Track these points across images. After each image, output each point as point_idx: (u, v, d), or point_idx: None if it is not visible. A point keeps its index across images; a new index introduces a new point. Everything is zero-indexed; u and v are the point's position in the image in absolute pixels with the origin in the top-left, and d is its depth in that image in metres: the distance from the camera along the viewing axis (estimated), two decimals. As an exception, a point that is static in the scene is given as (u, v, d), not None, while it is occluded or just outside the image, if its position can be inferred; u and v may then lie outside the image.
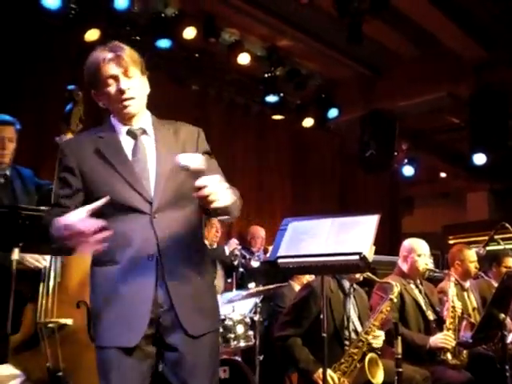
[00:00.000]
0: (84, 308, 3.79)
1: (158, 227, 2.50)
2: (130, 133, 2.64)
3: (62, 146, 2.66)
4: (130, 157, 2.59)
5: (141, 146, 2.62)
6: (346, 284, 4.47)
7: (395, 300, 4.48)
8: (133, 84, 2.60)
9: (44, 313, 3.68)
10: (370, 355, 4.20)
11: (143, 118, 2.70)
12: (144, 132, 2.66)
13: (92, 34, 6.50)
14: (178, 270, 2.52)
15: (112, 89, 2.58)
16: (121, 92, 2.57)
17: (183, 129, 2.73)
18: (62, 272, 3.81)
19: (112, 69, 2.57)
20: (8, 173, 4.11)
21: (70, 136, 3.91)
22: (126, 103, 2.59)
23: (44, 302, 3.70)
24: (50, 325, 3.67)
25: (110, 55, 2.57)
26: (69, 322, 3.71)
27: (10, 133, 4.07)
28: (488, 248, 6.08)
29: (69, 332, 3.73)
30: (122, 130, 2.65)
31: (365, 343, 4.23)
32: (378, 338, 4.29)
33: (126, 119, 2.65)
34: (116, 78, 2.58)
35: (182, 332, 2.48)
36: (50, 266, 3.77)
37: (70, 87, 4.05)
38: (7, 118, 4.13)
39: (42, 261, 3.76)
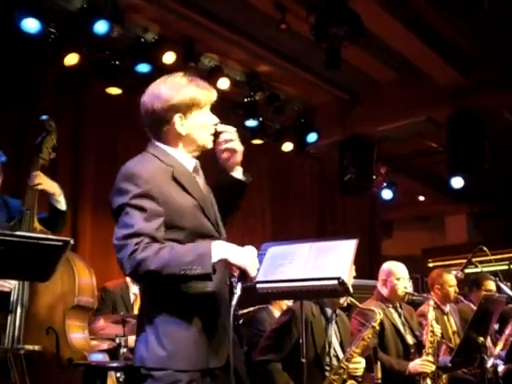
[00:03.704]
0: (53, 334, 3.74)
1: None
2: (195, 169, 2.76)
3: (139, 172, 2.55)
4: (203, 191, 2.72)
5: (202, 182, 2.77)
6: (329, 310, 4.45)
7: (377, 328, 4.46)
8: None
9: (11, 339, 3.62)
10: (349, 382, 4.17)
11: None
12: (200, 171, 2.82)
13: (71, 59, 6.47)
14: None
15: (210, 119, 2.74)
16: (215, 125, 2.75)
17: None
18: (30, 298, 3.76)
19: (212, 100, 2.76)
20: None
21: (37, 172, 3.92)
22: (212, 137, 2.76)
23: (12, 328, 3.64)
24: (19, 351, 3.61)
25: (212, 90, 2.76)
26: (37, 348, 3.66)
27: None
28: (466, 271, 6.11)
29: (38, 358, 3.66)
30: (189, 163, 2.74)
31: (345, 370, 4.20)
32: (358, 366, 4.26)
33: (198, 151, 2.77)
34: (210, 110, 2.75)
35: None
36: (18, 293, 3.71)
37: (43, 117, 4.12)
38: None
39: (6, 284, 3.70)
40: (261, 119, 8.38)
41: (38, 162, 3.99)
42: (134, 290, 6.19)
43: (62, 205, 4.03)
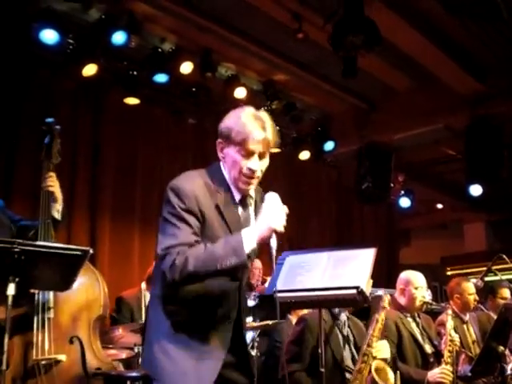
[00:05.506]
0: (77, 343, 3.74)
1: (242, 294, 2.75)
2: (242, 202, 2.80)
3: (184, 188, 2.65)
4: (242, 225, 2.71)
5: (248, 218, 2.80)
6: (340, 313, 4.51)
7: (388, 307, 4.49)
8: (263, 165, 2.72)
9: (41, 350, 3.62)
10: (375, 363, 4.19)
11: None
12: (251, 202, 2.84)
13: (89, 69, 6.53)
14: (242, 338, 2.79)
15: (243, 161, 2.67)
16: (250, 171, 2.68)
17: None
18: (55, 308, 3.77)
19: (255, 148, 2.67)
20: None
21: (51, 173, 3.91)
22: (250, 181, 2.72)
23: (39, 338, 3.64)
24: (44, 362, 3.62)
25: (261, 135, 2.68)
26: (62, 357, 3.67)
27: None
28: (486, 279, 6.07)
29: (63, 368, 3.67)
30: (236, 195, 2.77)
31: (370, 356, 4.22)
32: (381, 348, 4.29)
33: (240, 190, 2.76)
34: (252, 155, 2.67)
35: None
36: (44, 302, 3.72)
37: (49, 120, 4.06)
38: None
39: None
40: (278, 128, 8.35)
41: (49, 166, 3.95)
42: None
43: (59, 214, 3.95)
